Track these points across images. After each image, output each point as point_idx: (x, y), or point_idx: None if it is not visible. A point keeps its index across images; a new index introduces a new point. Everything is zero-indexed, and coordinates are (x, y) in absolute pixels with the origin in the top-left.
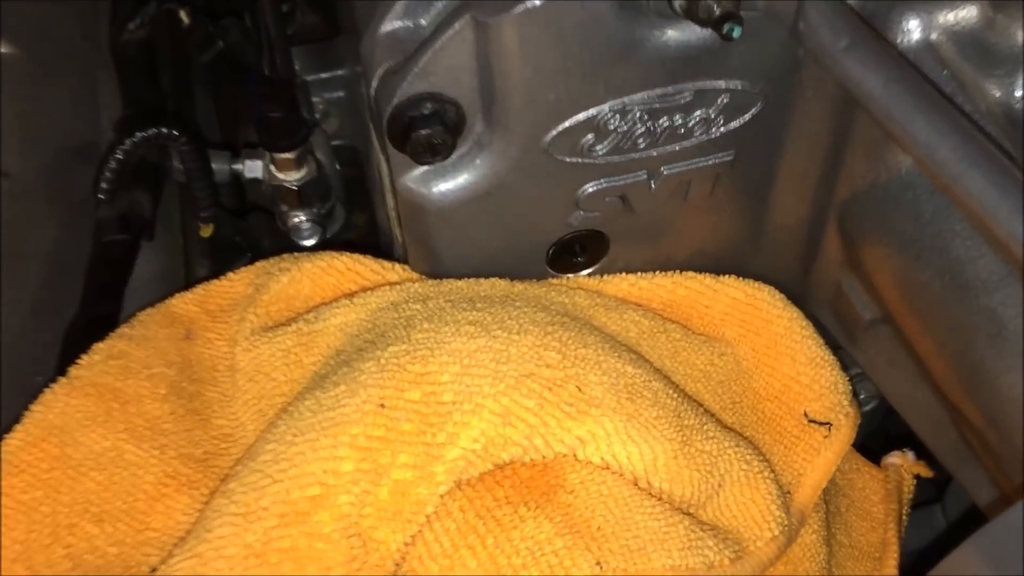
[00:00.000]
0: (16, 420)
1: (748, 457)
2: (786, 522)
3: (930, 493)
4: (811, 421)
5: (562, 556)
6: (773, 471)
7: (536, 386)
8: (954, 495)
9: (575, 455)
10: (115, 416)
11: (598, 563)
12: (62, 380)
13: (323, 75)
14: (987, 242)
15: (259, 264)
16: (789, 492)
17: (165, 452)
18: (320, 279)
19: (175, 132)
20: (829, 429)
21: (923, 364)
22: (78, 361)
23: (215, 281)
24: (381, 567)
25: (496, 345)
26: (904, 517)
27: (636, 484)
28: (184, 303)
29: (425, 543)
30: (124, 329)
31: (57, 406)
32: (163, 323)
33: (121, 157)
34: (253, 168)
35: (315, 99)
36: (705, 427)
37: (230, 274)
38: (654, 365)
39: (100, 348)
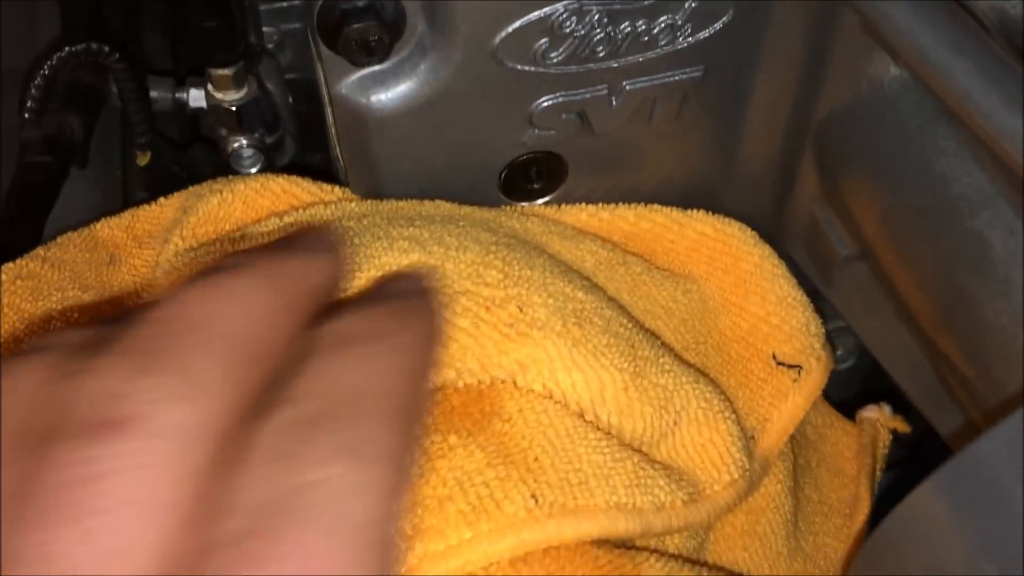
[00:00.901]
0: None
1: (708, 395)
2: (747, 466)
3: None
4: (779, 364)
5: (493, 488)
6: (736, 414)
7: (471, 304)
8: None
9: (514, 382)
10: (21, 340)
11: (533, 496)
12: None
13: (278, 4)
14: (976, 150)
15: (192, 188)
16: (753, 437)
17: None
18: (253, 200)
19: (107, 48)
20: (799, 372)
21: (901, 301)
22: None
23: (145, 206)
24: None
25: (430, 261)
26: (878, 473)
27: (582, 417)
28: (110, 227)
29: None
30: (39, 250)
31: None
32: (84, 247)
33: (48, 73)
34: (196, 97)
35: (269, 29)
36: (661, 360)
37: (161, 199)
38: (610, 297)
39: (8, 268)
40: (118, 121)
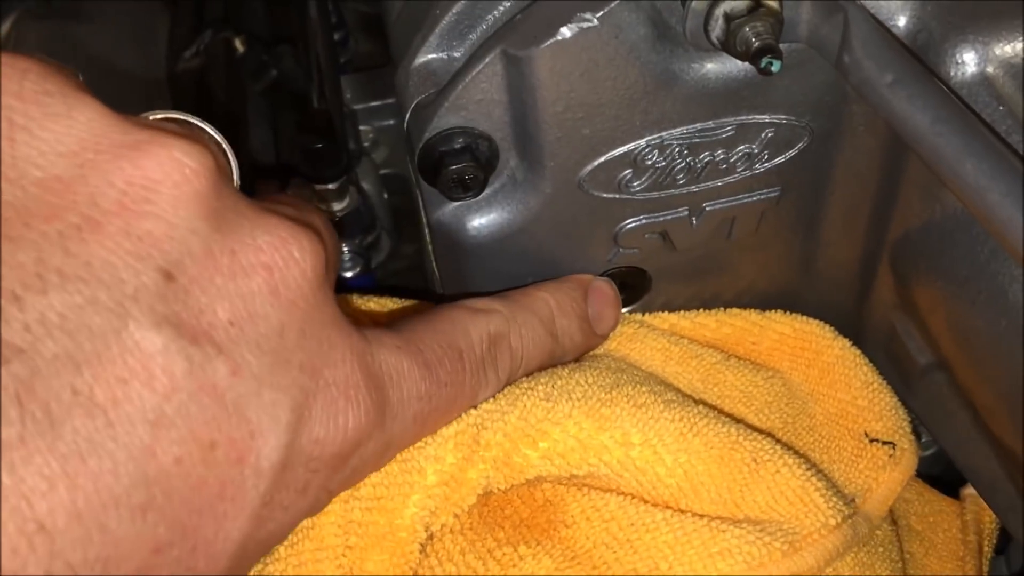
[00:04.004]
0: None
1: (783, 448)
2: (848, 513)
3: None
4: (873, 440)
5: None
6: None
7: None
8: (1019, 546)
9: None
10: None
11: None
12: None
13: (374, 103)
14: None
15: None
16: (854, 500)
17: None
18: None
19: None
20: (893, 448)
21: (980, 415)
22: None
23: None
24: None
25: None
26: (987, 549)
27: (643, 497)
28: None
29: None
30: None
31: None
32: None
33: None
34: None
35: (365, 127)
36: (721, 417)
37: None
38: (682, 390)
39: None
40: None
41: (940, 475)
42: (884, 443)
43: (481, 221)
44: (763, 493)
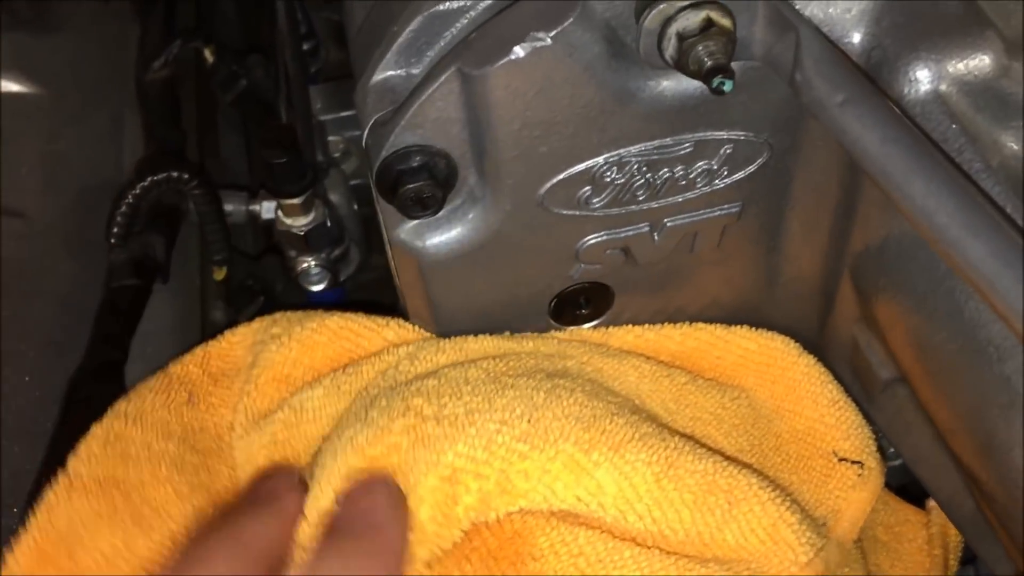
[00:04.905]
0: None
1: (759, 482)
2: (820, 545)
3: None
4: (841, 459)
5: None
6: (800, 505)
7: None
8: None
9: (550, 507)
10: (120, 508)
11: None
12: (62, 479)
13: (344, 114)
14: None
15: (255, 326)
16: (825, 524)
17: (175, 540)
18: (310, 340)
19: (186, 175)
20: (862, 468)
21: (939, 428)
22: (76, 451)
23: (214, 342)
24: None
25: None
26: (952, 562)
27: (617, 534)
28: (183, 365)
29: None
30: (121, 405)
31: (61, 511)
32: (162, 390)
33: (131, 201)
34: (269, 209)
35: (335, 138)
36: (697, 449)
37: (228, 335)
38: (654, 410)
39: (97, 433)
40: (194, 232)
41: (908, 487)
42: (853, 462)
43: (440, 239)
44: (733, 534)
